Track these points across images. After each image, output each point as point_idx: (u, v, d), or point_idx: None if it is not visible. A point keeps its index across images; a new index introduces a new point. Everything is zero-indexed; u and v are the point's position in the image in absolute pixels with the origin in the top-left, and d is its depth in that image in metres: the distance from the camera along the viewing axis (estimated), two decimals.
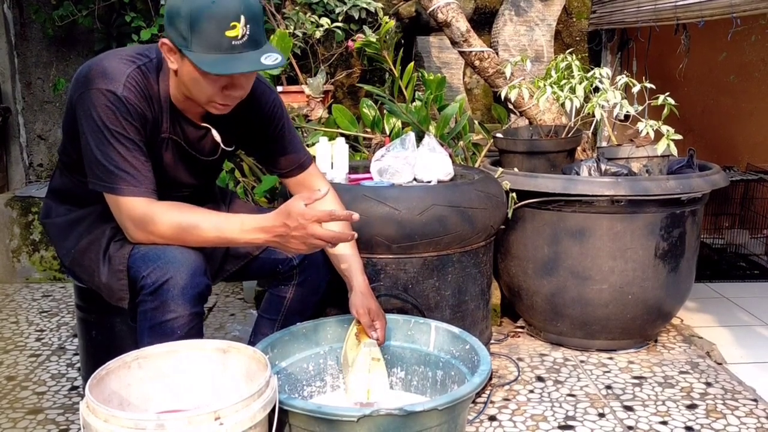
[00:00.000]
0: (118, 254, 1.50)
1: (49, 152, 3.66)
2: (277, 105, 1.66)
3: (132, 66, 1.45)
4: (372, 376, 1.59)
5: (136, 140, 1.44)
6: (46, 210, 1.72)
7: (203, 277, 1.46)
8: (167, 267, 1.41)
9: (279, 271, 1.76)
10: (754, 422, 1.93)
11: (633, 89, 2.35)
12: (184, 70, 1.41)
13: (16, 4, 3.51)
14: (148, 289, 1.42)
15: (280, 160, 1.70)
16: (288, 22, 3.18)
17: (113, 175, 1.43)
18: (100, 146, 1.42)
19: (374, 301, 1.66)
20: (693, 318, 2.72)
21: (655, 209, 2.22)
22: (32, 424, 1.91)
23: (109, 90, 1.41)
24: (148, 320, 1.44)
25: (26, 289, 3.12)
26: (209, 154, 1.63)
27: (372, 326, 1.64)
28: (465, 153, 2.70)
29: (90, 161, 1.45)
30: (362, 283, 1.67)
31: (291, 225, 1.36)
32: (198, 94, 1.43)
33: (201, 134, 1.59)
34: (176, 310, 1.42)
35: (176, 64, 1.42)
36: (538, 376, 2.22)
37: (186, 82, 1.43)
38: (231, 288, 3.10)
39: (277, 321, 1.78)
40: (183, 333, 1.44)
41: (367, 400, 1.61)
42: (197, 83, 1.41)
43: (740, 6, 2.51)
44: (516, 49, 3.58)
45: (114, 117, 1.41)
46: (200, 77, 1.39)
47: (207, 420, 1.15)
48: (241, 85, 1.43)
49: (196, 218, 1.44)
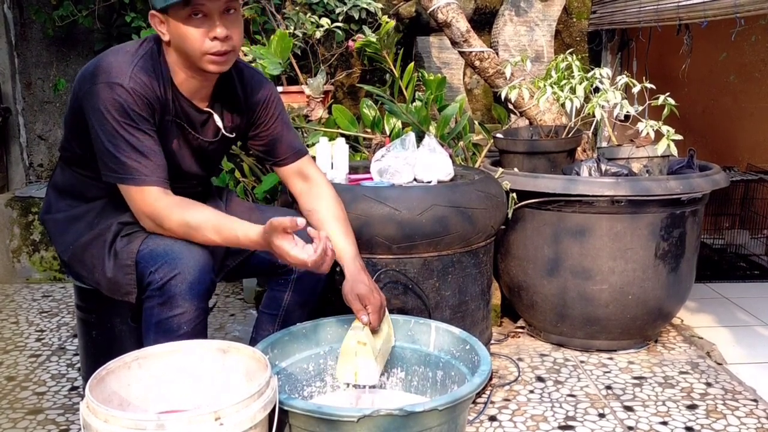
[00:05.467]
0: (126, 249, 1.52)
1: (50, 152, 3.66)
2: (273, 94, 1.74)
3: (136, 57, 1.50)
4: (358, 359, 1.60)
5: (145, 130, 1.49)
6: (46, 206, 1.74)
7: (210, 274, 1.49)
8: (175, 263, 1.44)
9: (278, 266, 1.77)
10: (754, 422, 1.92)
11: (633, 89, 2.35)
12: (172, 33, 1.48)
13: (16, 4, 3.51)
14: (155, 284, 1.44)
15: (278, 147, 1.76)
16: (288, 22, 3.18)
17: (125, 166, 1.47)
18: (111, 139, 1.46)
19: (363, 285, 1.63)
20: (693, 318, 2.72)
21: (655, 209, 2.22)
22: (32, 424, 1.91)
23: (115, 83, 1.45)
24: (154, 316, 1.46)
25: (26, 289, 3.12)
26: (212, 138, 1.68)
27: (363, 311, 1.62)
28: (465, 153, 2.70)
29: (101, 154, 1.49)
30: (353, 268, 1.67)
31: (276, 252, 1.43)
32: (191, 51, 1.48)
33: (204, 119, 1.64)
34: (183, 306, 1.44)
35: (167, 34, 1.49)
36: (538, 377, 2.22)
37: (178, 45, 1.49)
38: (231, 288, 3.10)
39: (278, 316, 1.79)
40: (189, 329, 1.45)
41: (355, 381, 1.63)
42: (185, 39, 1.46)
43: (744, 6, 2.50)
44: (516, 49, 3.58)
45: (122, 110, 1.45)
46: (185, 30, 1.45)
47: (207, 420, 1.15)
48: (223, 26, 1.47)
49: (202, 219, 1.48)
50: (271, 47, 2.84)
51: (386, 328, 1.71)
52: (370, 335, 1.62)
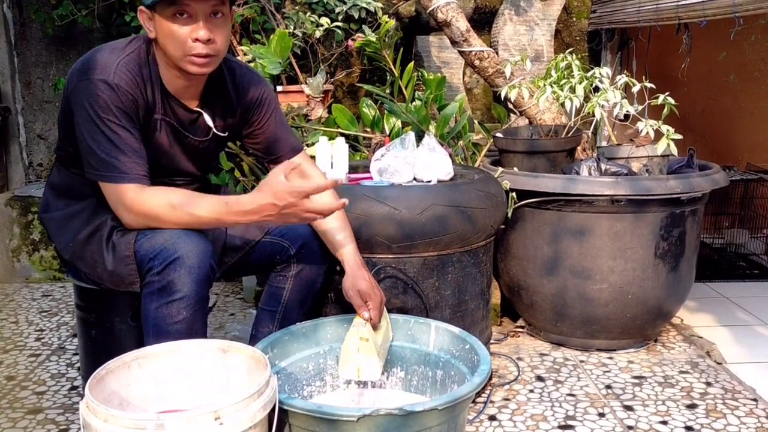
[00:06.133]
0: (123, 240, 1.52)
1: (49, 152, 3.66)
2: (267, 92, 1.72)
3: (123, 54, 1.50)
4: (361, 355, 1.60)
5: (128, 127, 1.48)
6: (44, 204, 1.74)
7: (210, 259, 1.48)
8: (175, 248, 1.44)
9: (277, 262, 1.77)
10: (754, 422, 1.92)
11: (633, 89, 2.35)
12: (158, 30, 1.48)
13: (15, 4, 3.51)
14: (155, 269, 1.44)
15: (274, 145, 1.76)
16: (288, 21, 3.18)
17: (105, 163, 1.46)
18: (93, 135, 1.46)
19: (364, 281, 1.65)
20: (693, 318, 2.72)
21: (655, 209, 2.22)
22: (32, 424, 1.91)
23: (100, 79, 1.45)
24: (154, 302, 1.45)
25: (26, 288, 3.11)
26: (202, 137, 1.67)
27: (364, 306, 1.64)
28: (465, 152, 2.70)
29: (84, 151, 1.49)
30: (353, 263, 1.68)
31: (280, 204, 1.39)
32: (174, 50, 1.47)
33: (193, 118, 1.63)
34: (183, 290, 1.43)
35: (153, 31, 1.49)
36: (538, 376, 2.22)
37: (163, 44, 1.48)
38: (231, 288, 3.10)
39: (278, 313, 1.79)
40: (188, 315, 1.44)
41: (357, 378, 1.64)
42: (169, 37, 1.46)
43: (743, 5, 2.51)
44: (516, 49, 3.58)
45: (105, 105, 1.45)
46: (170, 28, 1.45)
47: (207, 420, 1.15)
48: (207, 29, 1.46)
49: (186, 198, 1.47)
50: (271, 47, 2.84)
51: (385, 325, 1.71)
52: (371, 331, 1.63)
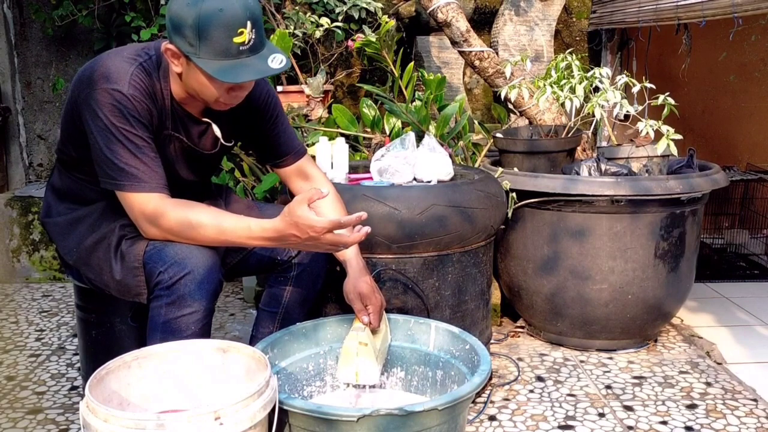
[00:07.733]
0: (132, 251, 1.51)
1: (49, 152, 3.66)
2: (270, 95, 1.72)
3: (134, 64, 1.48)
4: (359, 360, 1.61)
5: (144, 137, 1.47)
6: (46, 208, 1.72)
7: (218, 273, 1.48)
8: (185, 262, 1.43)
9: (278, 263, 1.77)
10: (754, 422, 1.92)
11: (633, 89, 2.35)
12: (191, 75, 1.46)
13: (16, 4, 3.51)
14: (164, 283, 1.44)
15: (277, 148, 1.75)
16: (288, 21, 3.18)
17: (124, 173, 1.45)
18: (110, 145, 1.44)
19: (365, 285, 1.66)
20: (693, 318, 2.72)
21: (655, 209, 2.22)
22: (32, 424, 1.91)
23: (114, 89, 1.43)
24: (162, 316, 1.45)
25: (26, 288, 3.12)
26: (210, 149, 1.66)
27: (364, 310, 1.65)
28: (465, 153, 2.70)
29: (100, 160, 1.47)
30: (355, 267, 1.68)
31: (302, 237, 1.37)
32: (206, 96, 1.48)
33: (202, 129, 1.62)
34: (193, 305, 1.44)
35: (181, 68, 1.46)
36: (538, 376, 2.22)
37: (193, 86, 1.47)
38: (231, 288, 3.10)
39: (278, 314, 1.79)
40: (197, 329, 1.45)
41: (356, 381, 1.64)
42: (205, 87, 1.46)
43: (742, 6, 2.51)
44: (516, 49, 3.58)
45: (121, 116, 1.44)
46: (209, 82, 1.44)
47: (207, 420, 1.15)
48: (247, 86, 1.50)
49: (204, 217, 1.45)
50: None
51: (384, 328, 1.72)
52: (370, 336, 1.63)
